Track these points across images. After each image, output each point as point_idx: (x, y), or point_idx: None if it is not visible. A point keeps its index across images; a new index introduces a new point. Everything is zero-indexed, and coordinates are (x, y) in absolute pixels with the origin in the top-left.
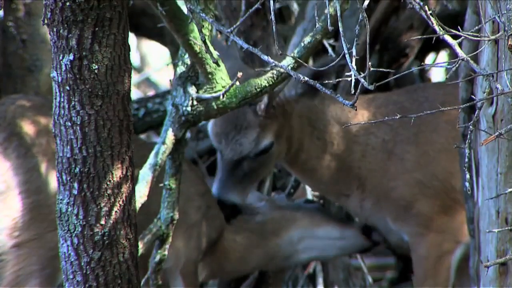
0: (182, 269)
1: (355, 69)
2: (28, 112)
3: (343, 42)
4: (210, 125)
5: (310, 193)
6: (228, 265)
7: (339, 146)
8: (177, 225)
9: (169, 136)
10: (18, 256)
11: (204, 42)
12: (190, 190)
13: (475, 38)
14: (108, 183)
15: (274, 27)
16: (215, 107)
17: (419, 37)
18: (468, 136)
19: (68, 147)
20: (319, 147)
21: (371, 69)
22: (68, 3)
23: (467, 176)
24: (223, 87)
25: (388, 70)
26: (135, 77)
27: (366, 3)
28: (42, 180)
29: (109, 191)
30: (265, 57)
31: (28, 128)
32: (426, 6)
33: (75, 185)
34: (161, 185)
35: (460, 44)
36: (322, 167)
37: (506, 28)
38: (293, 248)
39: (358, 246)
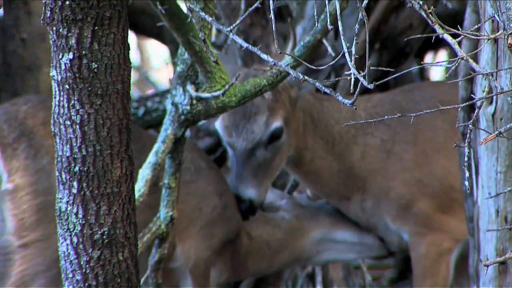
0: (192, 268)
1: (355, 67)
2: (39, 112)
3: (342, 41)
4: (219, 121)
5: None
6: (253, 265)
7: (340, 147)
8: (190, 224)
9: (169, 135)
10: (24, 256)
11: (204, 41)
12: (207, 189)
13: (475, 37)
14: (107, 182)
15: (273, 26)
16: (215, 106)
17: (419, 36)
18: (468, 135)
19: (68, 146)
20: (322, 147)
21: (371, 68)
22: (67, 2)
23: (467, 175)
24: (222, 86)
25: (387, 69)
26: (134, 76)
27: (365, 2)
28: (51, 181)
29: (108, 190)
30: (265, 56)
31: (38, 129)
32: (425, 5)
33: (75, 184)
34: (161, 183)
35: (459, 43)
36: (326, 168)
37: (505, 27)
38: (315, 249)
39: (375, 252)
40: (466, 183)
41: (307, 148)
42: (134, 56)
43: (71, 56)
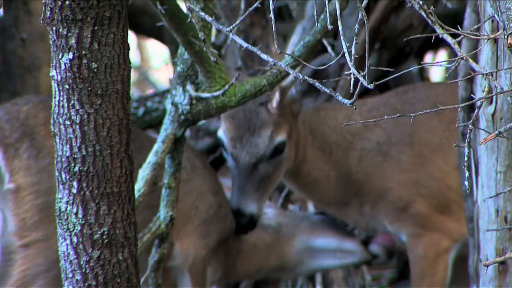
0: (190, 266)
1: (354, 67)
2: (40, 113)
3: (342, 41)
4: (223, 130)
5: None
6: (243, 268)
7: (337, 155)
8: (187, 222)
9: (169, 135)
10: (25, 256)
11: (204, 41)
12: (202, 187)
13: (475, 37)
14: (107, 182)
15: (273, 26)
16: (214, 106)
17: (419, 36)
18: (468, 135)
19: (68, 146)
20: (320, 157)
21: (371, 68)
22: (67, 2)
23: (467, 175)
24: (222, 86)
25: (387, 69)
26: (134, 76)
27: (365, 2)
28: (52, 181)
29: (108, 190)
30: (265, 56)
31: (40, 129)
32: (425, 5)
33: (75, 184)
34: (160, 183)
35: (459, 43)
36: (323, 178)
37: (505, 27)
38: (299, 258)
39: (358, 258)
40: (466, 183)
41: (306, 160)
42: (134, 56)
43: (71, 56)
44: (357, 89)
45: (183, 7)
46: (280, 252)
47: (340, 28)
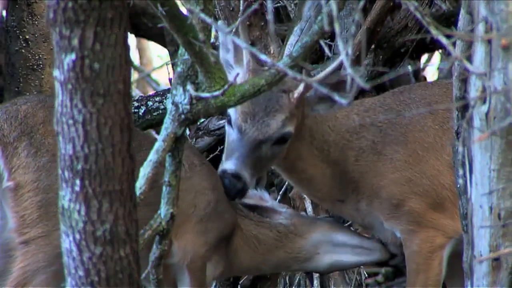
0: (189, 264)
1: (351, 68)
2: (39, 112)
3: (339, 42)
4: None
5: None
6: (246, 262)
7: (335, 154)
8: (186, 219)
9: (169, 134)
10: (25, 253)
11: (204, 42)
12: (201, 185)
13: (469, 38)
14: (109, 180)
15: (272, 27)
16: (214, 105)
17: (414, 37)
18: (462, 134)
19: (71, 144)
20: (317, 156)
21: (367, 68)
22: (70, 4)
23: (461, 172)
24: (221, 86)
25: (383, 69)
26: (135, 76)
27: (362, 3)
28: (51, 179)
29: (110, 188)
30: (263, 56)
31: (38, 127)
32: (420, 7)
33: (77, 182)
34: (161, 182)
35: (454, 44)
36: (319, 175)
37: (499, 28)
38: (314, 251)
39: (377, 255)
40: (460, 180)
41: (300, 158)
42: (134, 56)
43: (73, 56)
44: (353, 89)
45: (183, 8)
46: (290, 246)
47: (337, 29)
